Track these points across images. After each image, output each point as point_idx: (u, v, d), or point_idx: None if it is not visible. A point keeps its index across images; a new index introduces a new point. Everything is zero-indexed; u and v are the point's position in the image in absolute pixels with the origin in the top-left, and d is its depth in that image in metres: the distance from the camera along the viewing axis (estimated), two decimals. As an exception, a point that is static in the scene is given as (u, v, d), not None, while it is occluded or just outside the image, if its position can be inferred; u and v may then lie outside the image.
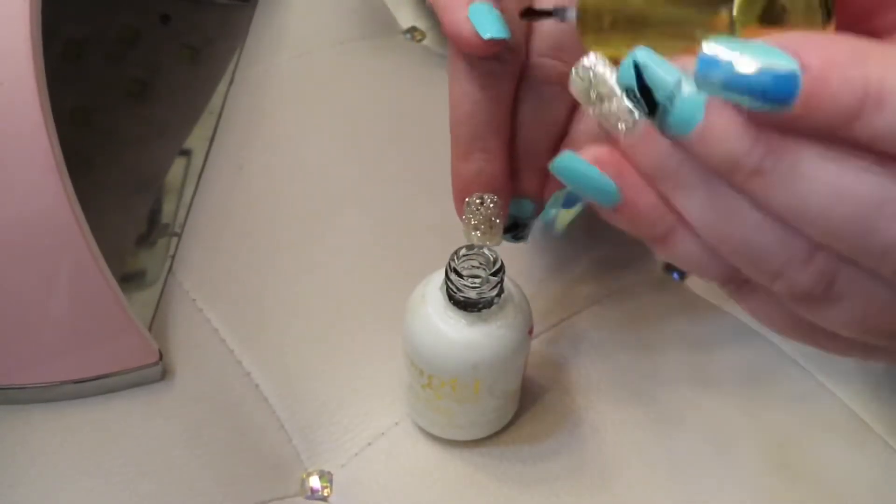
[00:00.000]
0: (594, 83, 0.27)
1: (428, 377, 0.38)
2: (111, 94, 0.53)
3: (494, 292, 0.36)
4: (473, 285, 0.35)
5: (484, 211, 0.36)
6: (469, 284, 0.35)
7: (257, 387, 0.43)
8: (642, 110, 0.25)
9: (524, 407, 0.42)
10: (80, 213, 0.38)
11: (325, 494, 0.40)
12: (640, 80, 0.25)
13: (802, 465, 0.41)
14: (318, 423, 0.42)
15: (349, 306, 0.45)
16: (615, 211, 0.28)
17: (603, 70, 0.27)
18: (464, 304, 0.36)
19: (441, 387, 0.38)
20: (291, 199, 0.49)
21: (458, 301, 0.36)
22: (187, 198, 0.49)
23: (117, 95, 0.53)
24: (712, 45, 0.23)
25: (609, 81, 0.26)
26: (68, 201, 0.37)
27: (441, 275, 0.37)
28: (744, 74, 0.23)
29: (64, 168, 0.37)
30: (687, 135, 0.25)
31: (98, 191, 0.48)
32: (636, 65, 0.25)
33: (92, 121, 0.52)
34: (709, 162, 0.25)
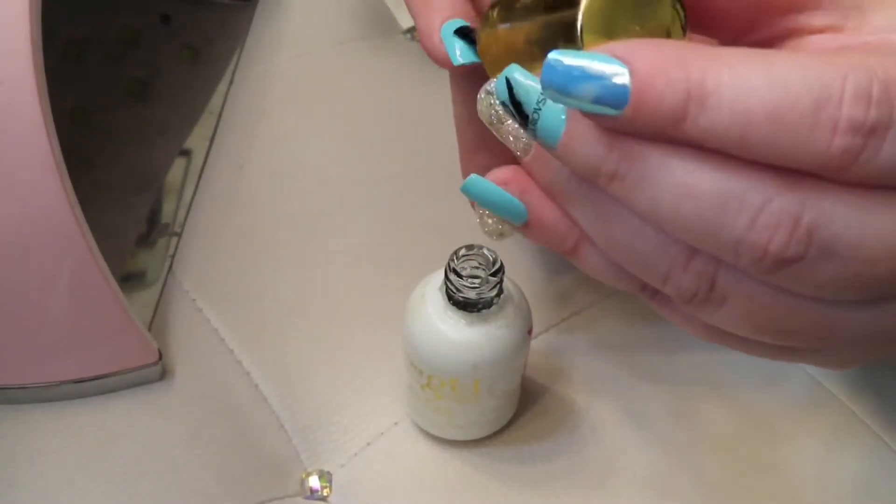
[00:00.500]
0: (494, 105, 0.29)
1: (427, 377, 0.38)
2: (111, 94, 0.53)
3: (494, 292, 0.36)
4: (473, 285, 0.35)
5: None
6: (468, 285, 0.35)
7: (257, 386, 0.43)
8: (518, 121, 0.27)
9: (524, 407, 0.42)
10: (80, 213, 0.38)
11: (325, 494, 0.40)
12: (512, 95, 0.27)
13: (802, 465, 0.41)
14: (317, 423, 0.42)
15: (349, 306, 0.45)
16: (525, 228, 0.30)
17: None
18: (463, 305, 0.36)
19: (441, 387, 0.38)
20: (291, 198, 0.49)
21: (457, 301, 0.36)
22: (187, 198, 0.49)
23: (117, 95, 0.53)
24: (554, 55, 0.25)
25: None
26: (68, 201, 0.37)
27: (441, 275, 0.37)
28: (578, 79, 0.24)
29: (64, 168, 0.37)
30: (555, 145, 0.26)
31: (98, 191, 0.48)
32: (507, 80, 0.27)
33: (92, 121, 0.52)
34: (575, 170, 0.27)
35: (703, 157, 0.24)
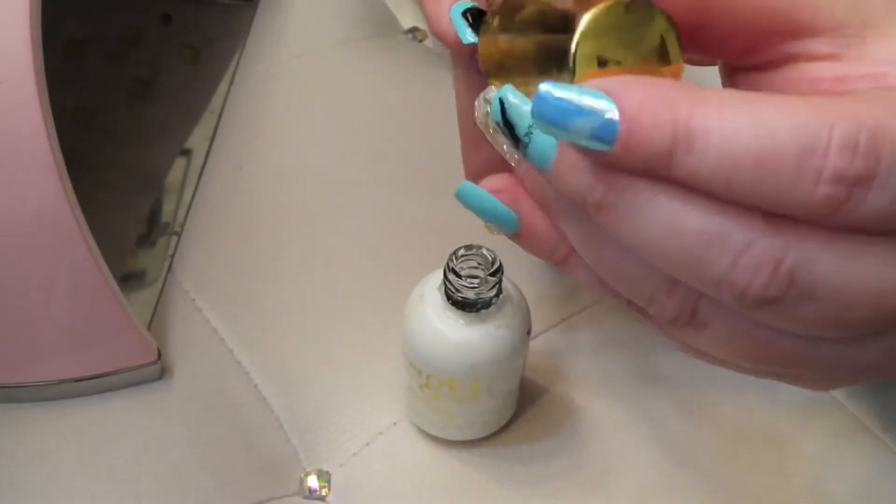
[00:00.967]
0: (490, 114, 0.28)
1: (426, 377, 0.38)
2: (112, 93, 0.53)
3: (493, 292, 0.36)
4: (472, 285, 0.35)
5: None
6: (467, 285, 0.35)
7: (256, 386, 0.43)
8: (510, 143, 0.27)
9: (523, 407, 0.42)
10: (79, 213, 0.38)
11: (324, 494, 0.40)
12: (505, 116, 0.27)
13: (802, 465, 0.41)
14: (316, 423, 0.42)
15: (348, 306, 0.45)
16: (516, 236, 0.30)
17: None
18: (462, 305, 0.36)
19: (439, 387, 0.38)
20: (291, 198, 0.49)
21: (456, 301, 0.36)
22: (187, 197, 0.49)
23: (118, 95, 0.53)
24: (545, 87, 0.24)
25: None
26: (68, 201, 0.37)
27: (440, 275, 0.37)
28: (569, 113, 0.24)
29: (64, 168, 0.37)
30: (544, 170, 0.26)
31: (98, 191, 0.48)
32: (501, 101, 0.27)
33: (93, 120, 0.52)
34: (563, 195, 0.26)
35: (689, 196, 0.24)
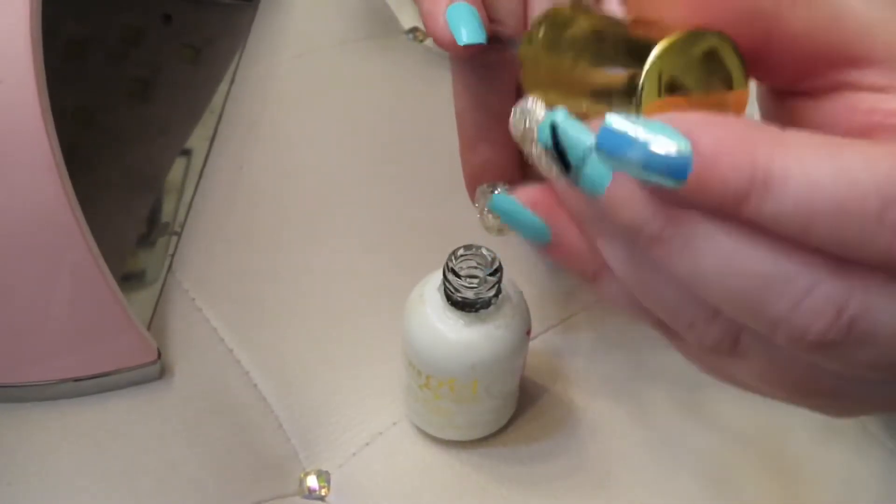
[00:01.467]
0: (529, 127, 0.27)
1: (426, 377, 0.38)
2: (112, 93, 0.53)
3: (492, 293, 0.36)
4: (471, 285, 0.35)
5: None
6: (467, 285, 0.35)
7: (256, 386, 0.43)
8: (559, 168, 0.26)
9: (522, 407, 0.42)
10: (79, 213, 0.38)
11: (323, 494, 0.40)
12: (556, 141, 0.25)
13: (802, 466, 0.41)
14: (316, 423, 0.42)
15: (348, 306, 0.45)
16: (547, 249, 0.29)
17: (539, 115, 0.27)
18: (462, 305, 0.36)
19: (439, 387, 0.38)
20: (291, 198, 0.49)
21: (455, 301, 0.36)
22: (187, 197, 0.49)
23: (118, 95, 0.53)
24: (614, 118, 0.23)
25: None
26: (68, 201, 0.37)
27: (439, 275, 0.37)
28: (637, 148, 0.23)
29: (64, 168, 0.37)
30: (598, 195, 0.25)
31: (98, 190, 0.48)
32: (553, 125, 0.25)
33: (93, 120, 0.52)
34: (615, 224, 0.26)
35: (753, 237, 0.24)
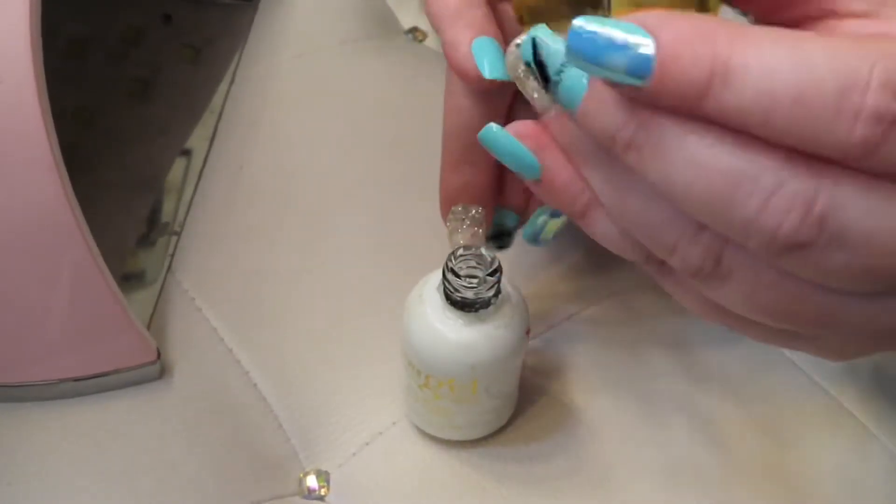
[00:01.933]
0: (521, 59, 0.29)
1: (426, 377, 0.38)
2: (112, 93, 0.53)
3: (492, 293, 0.36)
4: (470, 285, 0.35)
5: (468, 220, 0.37)
6: (466, 285, 0.35)
7: (255, 386, 0.43)
8: (540, 83, 0.27)
9: (522, 407, 0.42)
10: (79, 213, 0.38)
11: (323, 494, 0.40)
12: (536, 55, 0.27)
13: (799, 464, 0.41)
14: (315, 423, 0.42)
15: (348, 306, 0.45)
16: (536, 184, 0.30)
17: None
18: (461, 305, 0.36)
19: (439, 387, 0.38)
20: (291, 198, 0.49)
21: (455, 301, 0.36)
22: (187, 197, 0.49)
23: (118, 95, 0.53)
24: (580, 21, 0.24)
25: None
26: (68, 201, 0.37)
27: (439, 275, 0.37)
28: (603, 48, 0.24)
29: (63, 168, 0.37)
30: (574, 108, 0.26)
31: (98, 191, 0.48)
32: (533, 40, 0.27)
33: (93, 120, 0.52)
34: (592, 135, 0.27)
35: (719, 135, 0.24)
